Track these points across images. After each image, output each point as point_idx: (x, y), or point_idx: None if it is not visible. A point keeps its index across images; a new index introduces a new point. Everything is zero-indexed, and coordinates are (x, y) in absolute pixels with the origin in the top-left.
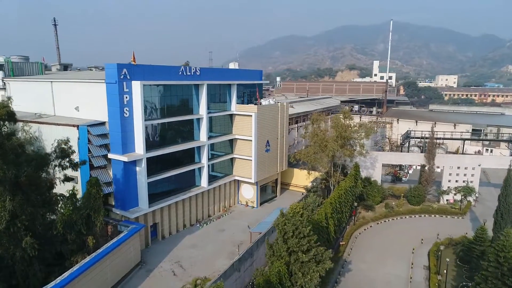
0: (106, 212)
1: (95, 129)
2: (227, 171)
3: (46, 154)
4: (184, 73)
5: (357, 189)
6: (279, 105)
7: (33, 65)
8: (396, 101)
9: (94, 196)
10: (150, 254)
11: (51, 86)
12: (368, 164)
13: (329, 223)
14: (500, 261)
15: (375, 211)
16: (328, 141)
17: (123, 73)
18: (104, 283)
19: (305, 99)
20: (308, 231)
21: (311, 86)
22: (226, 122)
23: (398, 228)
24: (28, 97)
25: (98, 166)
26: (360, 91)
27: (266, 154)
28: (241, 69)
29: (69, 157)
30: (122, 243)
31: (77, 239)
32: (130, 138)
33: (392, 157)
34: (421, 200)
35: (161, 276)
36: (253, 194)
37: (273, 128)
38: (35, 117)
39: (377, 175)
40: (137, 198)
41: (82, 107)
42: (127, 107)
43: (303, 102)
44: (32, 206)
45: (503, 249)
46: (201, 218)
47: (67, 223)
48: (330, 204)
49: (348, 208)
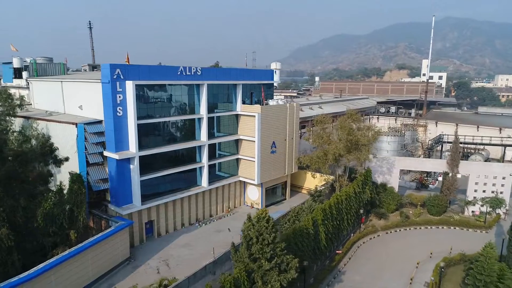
0: (105, 208)
1: (91, 127)
2: (233, 171)
3: (30, 151)
4: (184, 73)
5: (364, 195)
6: (288, 106)
7: (56, 66)
8: (438, 102)
9: (76, 192)
10: (141, 251)
11: (61, 85)
12: (385, 169)
13: (319, 230)
14: (479, 285)
15: (388, 219)
16: (331, 143)
17: (116, 73)
18: (85, 276)
19: (336, 99)
20: (272, 238)
21: (351, 86)
22: (232, 122)
23: (408, 239)
24: (45, 96)
25: (95, 163)
26: (404, 92)
27: (271, 155)
28: (249, 69)
29: (52, 153)
30: (106, 238)
31: (59, 232)
32: (124, 136)
33: (411, 163)
34: (442, 210)
35: (145, 273)
36: (258, 195)
37: (280, 129)
38: (46, 114)
39: (394, 181)
40: (131, 195)
41: (85, 105)
42: (120, 106)
43: (333, 103)
44: (12, 199)
45: (481, 271)
46: (201, 218)
47: (48, 217)
48: (322, 211)
49: (352, 215)
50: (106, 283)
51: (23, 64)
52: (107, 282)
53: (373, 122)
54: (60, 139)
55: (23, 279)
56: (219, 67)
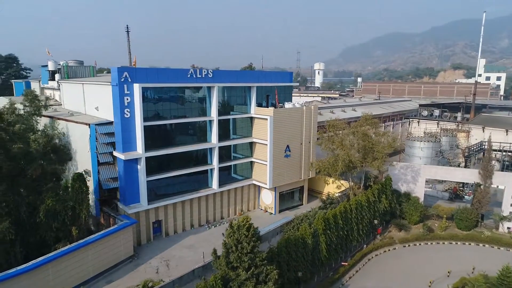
0: (115, 205)
1: (102, 127)
2: (247, 174)
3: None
4: (194, 75)
5: (380, 204)
6: (304, 109)
7: (86, 69)
8: (489, 105)
9: (77, 190)
10: (147, 249)
11: (82, 87)
12: (409, 177)
13: (320, 241)
14: None
15: (409, 232)
16: (344, 149)
17: (124, 76)
18: (84, 271)
19: (373, 102)
20: (251, 247)
21: (396, 87)
22: (246, 125)
23: (427, 254)
24: (72, 97)
25: (105, 162)
26: (454, 94)
27: (285, 159)
28: (264, 71)
29: (56, 153)
30: (107, 236)
31: (62, 228)
32: (132, 137)
33: (438, 172)
34: (471, 225)
35: (144, 272)
36: (272, 200)
37: (295, 133)
38: (67, 115)
39: (419, 191)
40: (138, 194)
41: (100, 107)
42: (128, 108)
43: (368, 105)
44: (17, 195)
45: None
46: (212, 220)
47: (51, 213)
48: (323, 220)
49: (365, 225)
50: (105, 280)
51: (56, 67)
52: (107, 278)
53: (413, 126)
54: (78, 138)
55: (20, 271)
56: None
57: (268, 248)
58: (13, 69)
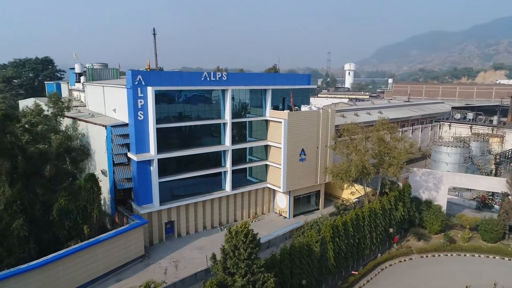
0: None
1: (117, 129)
2: (262, 177)
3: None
4: (208, 78)
5: (397, 212)
6: (320, 112)
7: (110, 71)
8: None
9: (88, 190)
10: (158, 250)
11: (103, 90)
12: (431, 184)
13: (327, 248)
14: None
15: (428, 242)
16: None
17: (137, 80)
18: (94, 269)
19: (401, 103)
20: (247, 254)
21: (429, 89)
22: (262, 128)
23: (446, 266)
24: (94, 98)
25: (120, 163)
26: (492, 96)
27: (300, 163)
28: (280, 73)
29: (69, 154)
30: (118, 235)
31: (74, 226)
32: (145, 139)
33: (463, 179)
34: (497, 237)
35: (153, 272)
36: (286, 203)
37: (311, 137)
38: (88, 116)
39: (442, 199)
40: (151, 195)
41: (117, 109)
42: (141, 110)
43: (397, 107)
44: (32, 193)
45: None
46: (225, 222)
47: (63, 211)
48: (331, 227)
49: (379, 233)
50: (115, 278)
51: (82, 69)
52: (116, 277)
53: (444, 129)
54: (96, 139)
55: (31, 266)
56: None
57: (270, 254)
58: (48, 71)
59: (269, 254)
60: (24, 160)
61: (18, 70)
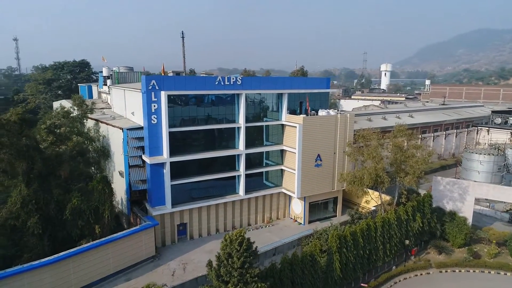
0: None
1: (132, 132)
2: (278, 182)
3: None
4: (222, 82)
5: (415, 223)
6: (338, 117)
7: (134, 74)
8: None
9: (100, 191)
10: (170, 251)
11: (124, 93)
12: (456, 195)
13: (333, 259)
14: None
15: (450, 255)
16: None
17: (151, 84)
18: (104, 268)
19: (436, 107)
20: (240, 263)
21: (470, 91)
22: (278, 132)
23: (466, 283)
24: (118, 101)
25: (135, 165)
26: None
27: (315, 169)
28: (297, 77)
29: (82, 156)
30: (128, 236)
31: (86, 226)
32: (158, 142)
33: (491, 191)
34: None
35: (161, 273)
36: (301, 209)
37: (328, 142)
38: (109, 118)
39: (467, 210)
40: (164, 197)
41: (135, 112)
42: (155, 114)
43: (430, 110)
44: (47, 193)
45: None
46: (238, 226)
47: (76, 211)
48: (338, 238)
49: (394, 245)
50: (124, 277)
51: (109, 72)
52: (126, 276)
53: (482, 135)
54: (115, 141)
55: (42, 263)
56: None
57: (269, 263)
58: (84, 73)
59: (269, 263)
60: (41, 161)
61: (57, 72)
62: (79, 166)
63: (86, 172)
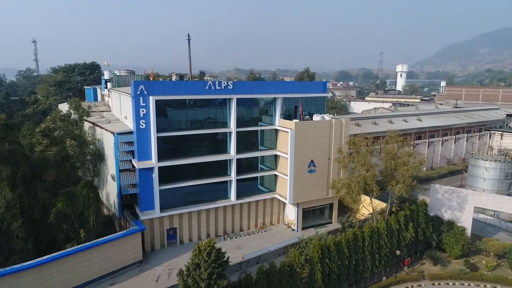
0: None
1: (122, 136)
2: (272, 187)
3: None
4: (213, 87)
5: (407, 233)
6: (333, 122)
7: (134, 77)
8: None
9: (84, 196)
10: (158, 256)
11: (119, 97)
12: (454, 203)
13: (315, 270)
14: None
15: (447, 267)
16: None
17: (139, 89)
18: (89, 272)
19: (449, 109)
20: (207, 274)
21: (487, 93)
22: (272, 137)
23: None
24: (115, 104)
25: (125, 169)
26: None
27: (308, 175)
28: (292, 81)
29: (68, 160)
30: (113, 240)
31: (71, 230)
32: (147, 147)
33: (491, 200)
34: None
35: (145, 279)
36: (295, 215)
37: (321, 147)
38: (104, 122)
39: (466, 220)
40: (153, 202)
41: (128, 116)
42: (143, 119)
43: (442, 113)
44: (32, 197)
45: None
46: (230, 231)
47: (61, 215)
48: (319, 248)
49: (384, 255)
50: (109, 281)
51: (111, 76)
52: (111, 280)
53: (495, 139)
54: (108, 145)
55: (25, 266)
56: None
57: (244, 274)
58: (94, 75)
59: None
60: (27, 165)
61: (68, 74)
62: (65, 170)
63: (76, 176)
